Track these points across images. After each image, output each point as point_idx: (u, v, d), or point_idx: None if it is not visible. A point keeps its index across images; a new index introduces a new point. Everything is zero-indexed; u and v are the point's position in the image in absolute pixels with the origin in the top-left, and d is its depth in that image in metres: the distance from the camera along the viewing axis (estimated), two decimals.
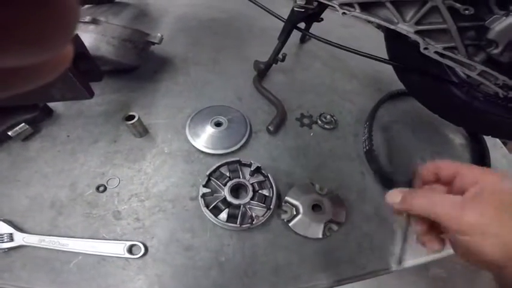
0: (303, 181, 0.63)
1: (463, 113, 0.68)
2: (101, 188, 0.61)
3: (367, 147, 0.69)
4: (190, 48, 0.98)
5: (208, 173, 0.58)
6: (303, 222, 0.56)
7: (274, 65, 0.86)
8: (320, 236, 0.55)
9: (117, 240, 0.54)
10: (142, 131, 0.69)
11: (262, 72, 0.86)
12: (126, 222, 0.57)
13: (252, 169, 0.59)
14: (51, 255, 0.52)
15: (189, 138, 0.67)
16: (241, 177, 0.59)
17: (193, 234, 0.56)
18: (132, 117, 0.65)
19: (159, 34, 0.80)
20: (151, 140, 0.69)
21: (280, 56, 0.83)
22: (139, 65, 0.85)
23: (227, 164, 0.61)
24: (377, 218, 0.61)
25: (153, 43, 0.81)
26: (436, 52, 0.58)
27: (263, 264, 0.54)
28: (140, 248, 0.53)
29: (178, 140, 0.69)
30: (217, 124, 0.69)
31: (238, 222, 0.54)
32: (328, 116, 0.77)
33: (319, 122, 0.75)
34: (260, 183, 0.59)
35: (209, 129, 0.68)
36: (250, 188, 0.56)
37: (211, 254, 0.54)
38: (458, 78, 0.66)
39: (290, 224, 0.56)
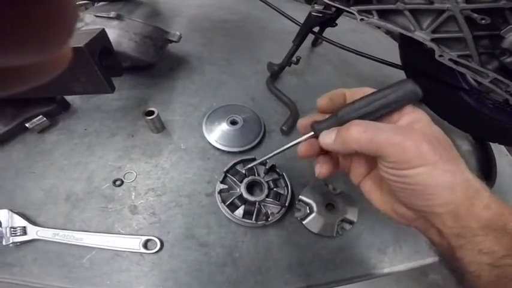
0: (316, 181, 0.63)
1: (472, 120, 0.70)
2: (118, 182, 0.61)
3: None
4: (204, 48, 0.99)
5: (225, 169, 0.59)
6: (317, 220, 0.57)
7: (287, 67, 0.87)
8: (333, 234, 0.56)
9: (133, 235, 0.54)
10: (160, 127, 0.69)
11: (275, 73, 0.87)
12: (142, 217, 0.57)
13: (266, 167, 0.59)
14: (63, 249, 0.51)
15: (205, 135, 0.68)
16: (256, 175, 0.59)
17: (208, 230, 0.56)
18: (151, 112, 0.65)
19: (177, 32, 0.80)
20: (168, 136, 0.70)
21: (294, 58, 0.84)
22: (156, 62, 0.85)
23: (242, 161, 0.61)
24: (387, 219, 0.61)
25: (172, 41, 0.82)
26: (450, 59, 0.59)
27: (277, 261, 0.54)
28: (156, 243, 0.53)
29: (194, 136, 0.70)
30: (233, 122, 0.70)
31: (253, 219, 0.54)
32: None
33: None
34: (275, 181, 0.60)
35: (224, 127, 0.68)
36: (266, 186, 0.57)
37: (225, 250, 0.54)
38: (469, 86, 0.68)
39: (304, 222, 0.57)
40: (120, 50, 0.70)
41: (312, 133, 0.36)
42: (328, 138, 0.33)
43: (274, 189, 0.58)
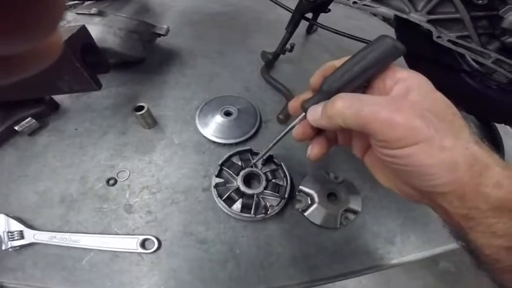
0: (316, 170, 0.60)
1: (476, 102, 0.66)
2: (111, 181, 0.58)
3: None
4: (196, 42, 0.95)
5: (220, 162, 0.55)
6: (319, 211, 0.53)
7: (281, 55, 0.83)
8: (337, 225, 0.52)
9: (130, 234, 0.51)
10: (151, 122, 0.66)
11: (270, 62, 0.83)
12: (138, 216, 0.54)
13: (264, 158, 0.56)
14: (62, 252, 0.49)
15: (199, 128, 0.64)
16: (253, 166, 0.55)
17: (207, 227, 0.53)
18: (141, 107, 0.62)
19: (165, 26, 0.76)
20: (161, 131, 0.66)
21: (288, 46, 0.80)
22: (145, 57, 0.82)
23: (238, 153, 0.57)
24: (393, 207, 0.58)
25: (160, 35, 0.78)
26: (449, 41, 0.56)
27: (279, 256, 0.51)
28: (153, 242, 0.50)
29: (187, 130, 0.66)
30: (227, 114, 0.66)
31: (252, 213, 0.50)
32: None
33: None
34: (273, 172, 0.56)
35: (219, 119, 0.65)
36: (263, 178, 0.53)
37: (226, 247, 0.51)
38: (470, 67, 0.65)
39: (305, 214, 0.53)
40: (105, 47, 0.67)
41: (304, 114, 0.33)
42: (315, 113, 0.30)
43: (273, 180, 0.54)
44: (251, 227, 0.53)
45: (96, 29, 0.66)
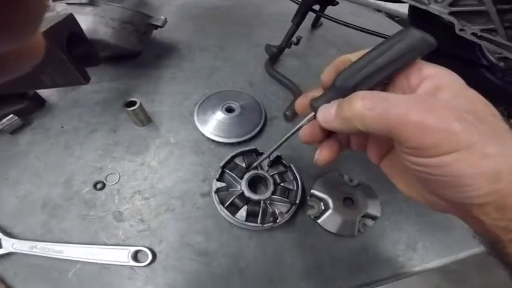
0: (329, 172, 0.53)
1: (496, 97, 0.61)
2: (99, 185, 0.51)
3: None
4: (195, 36, 0.88)
5: (222, 164, 0.48)
6: (334, 218, 0.46)
7: (287, 49, 0.77)
8: (354, 233, 0.46)
9: (120, 245, 0.45)
10: (145, 119, 0.59)
11: (274, 56, 0.76)
12: (128, 225, 0.47)
13: (270, 159, 0.49)
14: (46, 262, 0.43)
15: (198, 126, 0.57)
16: (259, 168, 0.49)
17: (207, 237, 0.46)
18: (133, 103, 0.55)
19: (162, 17, 0.71)
20: (155, 129, 0.59)
21: (294, 39, 0.74)
22: (141, 50, 0.76)
23: (242, 154, 0.51)
24: (412, 211, 0.51)
25: (156, 26, 0.71)
26: (472, 34, 0.52)
27: (290, 268, 0.44)
28: (147, 254, 0.43)
29: (185, 128, 0.59)
30: (229, 110, 0.59)
31: (259, 221, 0.44)
32: None
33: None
34: (281, 174, 0.49)
35: (220, 116, 0.58)
36: (271, 181, 0.47)
37: (229, 259, 0.44)
38: (489, 62, 0.63)
39: (319, 221, 0.46)
40: (96, 38, 0.61)
41: (313, 113, 0.28)
42: (327, 114, 0.25)
43: (281, 184, 0.48)
44: (258, 237, 0.46)
45: (87, 19, 0.60)
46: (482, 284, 0.51)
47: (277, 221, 0.43)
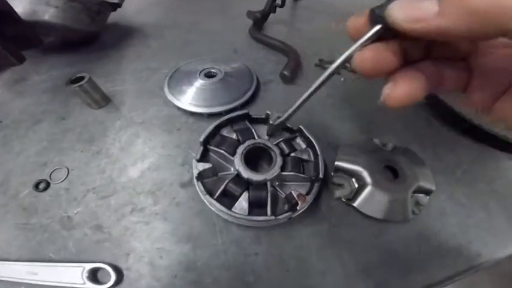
0: (351, 137, 0.38)
1: None
2: (42, 185, 0.36)
3: None
4: (163, 16, 0.74)
5: (203, 138, 0.32)
6: (376, 197, 0.31)
7: (272, 15, 0.63)
8: (408, 215, 0.30)
9: (71, 262, 0.30)
10: (100, 99, 0.43)
11: (258, 21, 0.62)
12: (81, 233, 0.31)
13: (271, 122, 0.33)
14: None
15: (171, 98, 0.42)
16: (255, 137, 0.33)
17: (194, 244, 0.30)
18: (80, 78, 0.39)
19: None
20: (115, 109, 0.44)
21: (278, 1, 0.61)
22: (97, 31, 0.61)
23: (230, 121, 0.35)
24: (468, 178, 0.36)
25: (113, 5, 0.58)
26: None
27: (323, 277, 0.28)
28: (109, 273, 0.28)
29: (154, 104, 0.44)
30: (209, 75, 0.44)
31: (269, 212, 0.28)
32: None
33: (348, 65, 0.51)
34: (289, 142, 0.34)
35: (198, 83, 0.43)
36: (277, 152, 0.31)
37: (230, 273, 0.28)
38: None
39: (355, 204, 0.31)
40: (36, 19, 0.49)
41: (379, 26, 0.18)
42: (423, 8, 0.15)
43: (292, 154, 0.32)
44: (267, 237, 0.30)
45: (23, 1, 0.49)
46: None
47: (298, 207, 0.27)
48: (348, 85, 0.48)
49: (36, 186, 0.35)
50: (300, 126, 0.34)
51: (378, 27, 0.18)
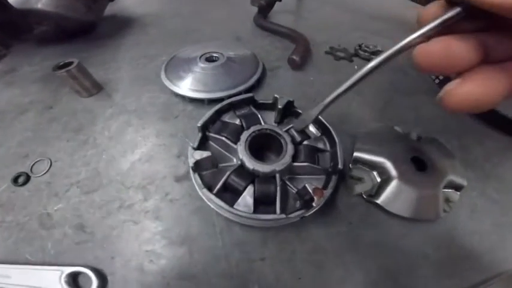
0: (370, 125, 0.33)
1: None
2: (21, 179, 0.31)
3: (442, 77, 0.40)
4: (165, 6, 0.70)
5: (201, 123, 0.28)
6: (403, 193, 0.26)
7: (277, 3, 0.59)
8: (439, 214, 0.26)
9: (50, 264, 0.25)
10: (91, 86, 0.39)
11: (264, 8, 0.58)
12: (61, 233, 0.27)
13: (280, 106, 0.29)
14: None
15: (168, 84, 0.37)
16: (262, 122, 0.29)
17: (190, 247, 0.25)
18: (68, 64, 0.35)
19: None
20: (107, 97, 0.39)
21: None
22: (94, 20, 0.57)
23: (232, 105, 0.30)
24: (499, 172, 0.32)
25: None
26: None
27: (339, 285, 0.24)
28: (90, 278, 0.24)
29: (150, 91, 0.39)
30: (210, 60, 0.39)
31: (278, 210, 0.23)
32: (371, 46, 0.48)
33: (362, 52, 0.46)
34: (300, 130, 0.29)
35: (198, 68, 0.38)
36: (288, 139, 0.26)
37: (232, 282, 0.24)
38: None
39: (379, 201, 0.26)
40: (28, 8, 0.46)
41: (458, 9, 0.14)
42: None
43: (305, 142, 0.28)
44: (277, 239, 0.26)
45: None
46: None
47: (314, 203, 0.22)
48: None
49: (15, 180, 0.31)
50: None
51: (456, 9, 0.14)
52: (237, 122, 0.29)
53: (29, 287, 0.25)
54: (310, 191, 0.23)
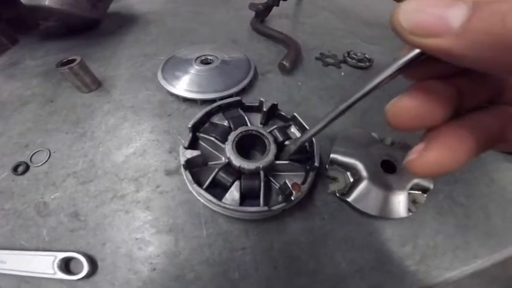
0: (349, 130, 0.34)
1: None
2: (21, 168, 0.32)
3: None
4: (167, 5, 0.70)
5: (192, 123, 0.29)
6: (372, 192, 0.28)
7: (275, 8, 0.60)
8: (404, 213, 0.27)
9: (44, 250, 0.27)
10: (91, 82, 0.40)
11: (261, 13, 0.59)
12: (56, 220, 0.28)
13: (265, 109, 0.30)
14: None
15: (164, 83, 0.38)
16: (248, 124, 0.30)
17: (176, 236, 0.27)
18: (71, 61, 0.36)
19: None
20: (106, 93, 0.40)
21: None
22: (98, 18, 0.58)
23: (221, 108, 0.32)
24: (466, 178, 0.34)
25: None
26: None
27: (311, 275, 0.25)
28: (82, 263, 0.25)
29: (147, 89, 0.41)
30: (205, 62, 0.40)
31: (261, 202, 0.25)
32: (359, 53, 0.49)
33: (349, 59, 0.48)
34: (282, 130, 0.31)
35: (193, 69, 0.39)
36: (271, 139, 0.28)
37: (214, 269, 0.25)
38: None
39: (349, 199, 0.28)
40: (36, 4, 0.46)
41: (417, 51, 0.12)
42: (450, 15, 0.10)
43: (286, 142, 0.29)
44: (258, 231, 0.27)
45: None
46: None
47: (293, 197, 0.24)
48: (347, 76, 0.45)
49: (15, 169, 0.32)
50: (295, 114, 0.31)
51: (414, 52, 0.12)
52: (225, 123, 0.31)
53: (23, 271, 0.26)
54: (290, 186, 0.24)
